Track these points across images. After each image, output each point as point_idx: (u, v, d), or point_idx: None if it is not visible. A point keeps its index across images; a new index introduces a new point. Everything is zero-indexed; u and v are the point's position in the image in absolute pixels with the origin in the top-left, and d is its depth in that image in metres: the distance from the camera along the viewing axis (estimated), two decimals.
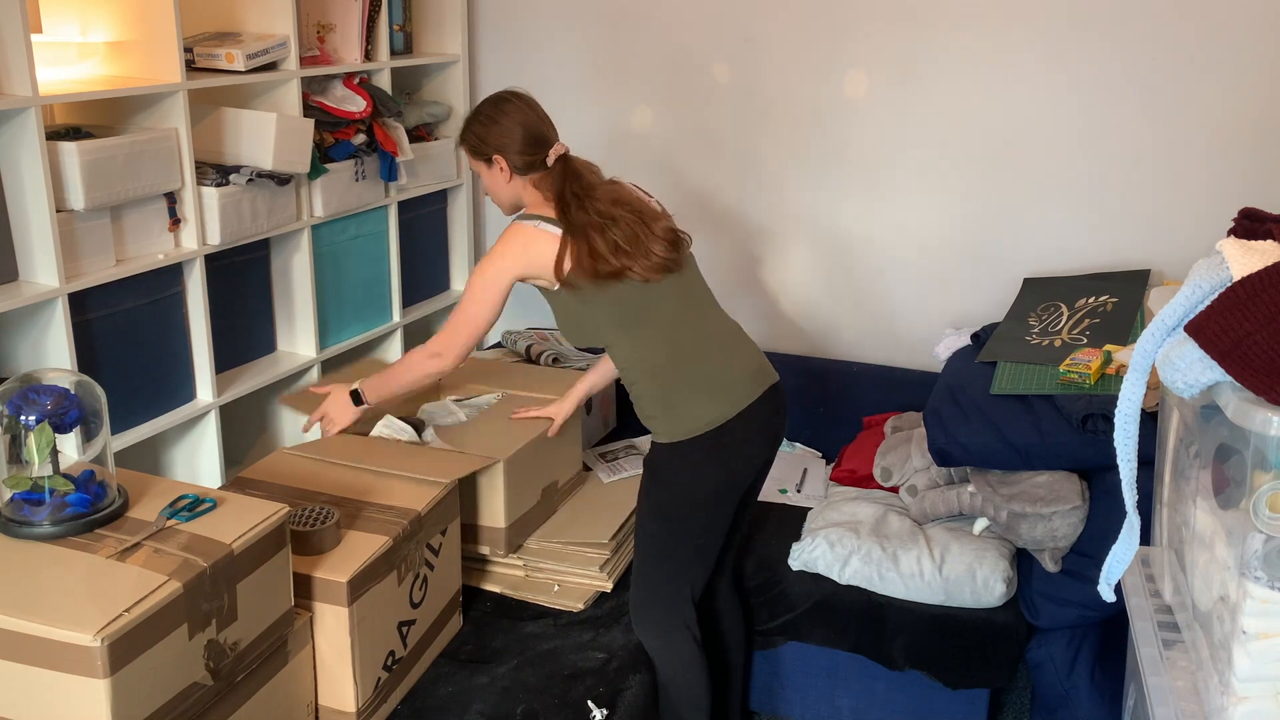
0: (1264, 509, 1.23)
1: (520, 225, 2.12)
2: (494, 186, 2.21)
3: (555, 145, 2.16)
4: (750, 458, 2.17)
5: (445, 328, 2.21)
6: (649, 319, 2.11)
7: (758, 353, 2.24)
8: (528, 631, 2.23)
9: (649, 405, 2.14)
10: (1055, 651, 2.31)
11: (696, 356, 2.13)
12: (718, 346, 2.18)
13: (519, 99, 2.18)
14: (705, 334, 2.18)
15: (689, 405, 2.10)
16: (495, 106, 2.17)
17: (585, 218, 2.07)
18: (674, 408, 2.11)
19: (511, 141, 2.13)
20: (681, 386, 2.11)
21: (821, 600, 2.44)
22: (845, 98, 3.09)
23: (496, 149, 2.15)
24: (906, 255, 3.16)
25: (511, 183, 2.18)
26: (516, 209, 2.23)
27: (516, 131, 2.14)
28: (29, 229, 2.22)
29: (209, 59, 2.60)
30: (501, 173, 2.17)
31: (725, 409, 2.11)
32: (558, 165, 2.15)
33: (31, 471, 1.56)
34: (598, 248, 2.04)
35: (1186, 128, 2.82)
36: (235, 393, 2.73)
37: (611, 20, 3.27)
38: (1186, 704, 1.41)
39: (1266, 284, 1.19)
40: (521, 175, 2.16)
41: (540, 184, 2.16)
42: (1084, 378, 2.35)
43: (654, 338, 2.12)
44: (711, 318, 2.22)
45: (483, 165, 2.20)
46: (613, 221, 2.07)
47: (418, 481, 2.11)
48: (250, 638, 1.64)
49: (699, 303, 2.21)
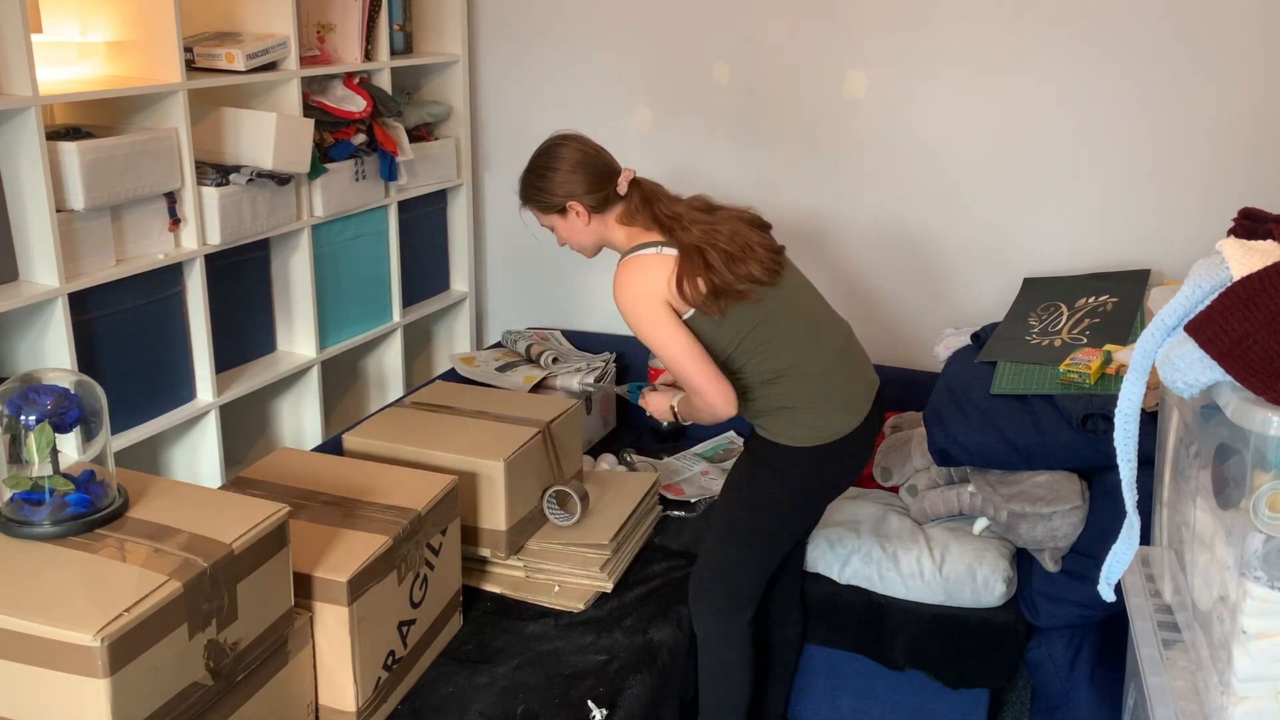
0: (1264, 509, 1.23)
1: (627, 260, 2.05)
2: (574, 235, 2.13)
3: (624, 171, 2.10)
4: (855, 468, 2.17)
5: (690, 390, 2.05)
6: (772, 333, 2.04)
7: (867, 359, 2.22)
8: (528, 632, 2.23)
9: (767, 406, 2.08)
10: (1055, 651, 2.31)
11: (825, 368, 2.08)
12: (841, 357, 2.13)
13: (569, 139, 2.12)
14: (829, 343, 2.12)
15: (815, 415, 2.06)
16: (549, 155, 2.10)
17: (691, 236, 2.00)
18: (798, 414, 2.06)
19: (579, 184, 2.06)
20: (809, 397, 2.06)
21: (821, 600, 2.44)
22: (845, 98, 3.09)
23: (567, 196, 2.07)
24: (906, 255, 3.15)
25: (591, 225, 2.10)
26: (600, 249, 2.17)
27: (579, 172, 2.06)
28: (29, 229, 2.22)
29: (209, 59, 2.60)
30: (579, 218, 2.09)
31: (847, 422, 2.08)
32: (634, 191, 2.09)
33: (31, 471, 1.56)
34: (714, 262, 1.97)
35: (1186, 128, 2.82)
36: (235, 393, 2.73)
37: (611, 20, 3.27)
38: (1186, 704, 1.41)
39: (1266, 284, 1.19)
40: (600, 214, 2.09)
41: (625, 217, 2.09)
42: (1084, 377, 2.35)
43: (779, 352, 2.05)
44: (829, 322, 2.16)
45: (556, 218, 2.12)
46: (716, 233, 2.01)
47: (418, 481, 2.11)
48: (250, 638, 1.64)
49: (815, 306, 2.16)
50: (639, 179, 2.12)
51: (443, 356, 3.65)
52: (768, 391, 2.07)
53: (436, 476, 2.13)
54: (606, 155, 2.12)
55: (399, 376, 3.33)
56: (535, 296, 3.61)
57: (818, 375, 2.07)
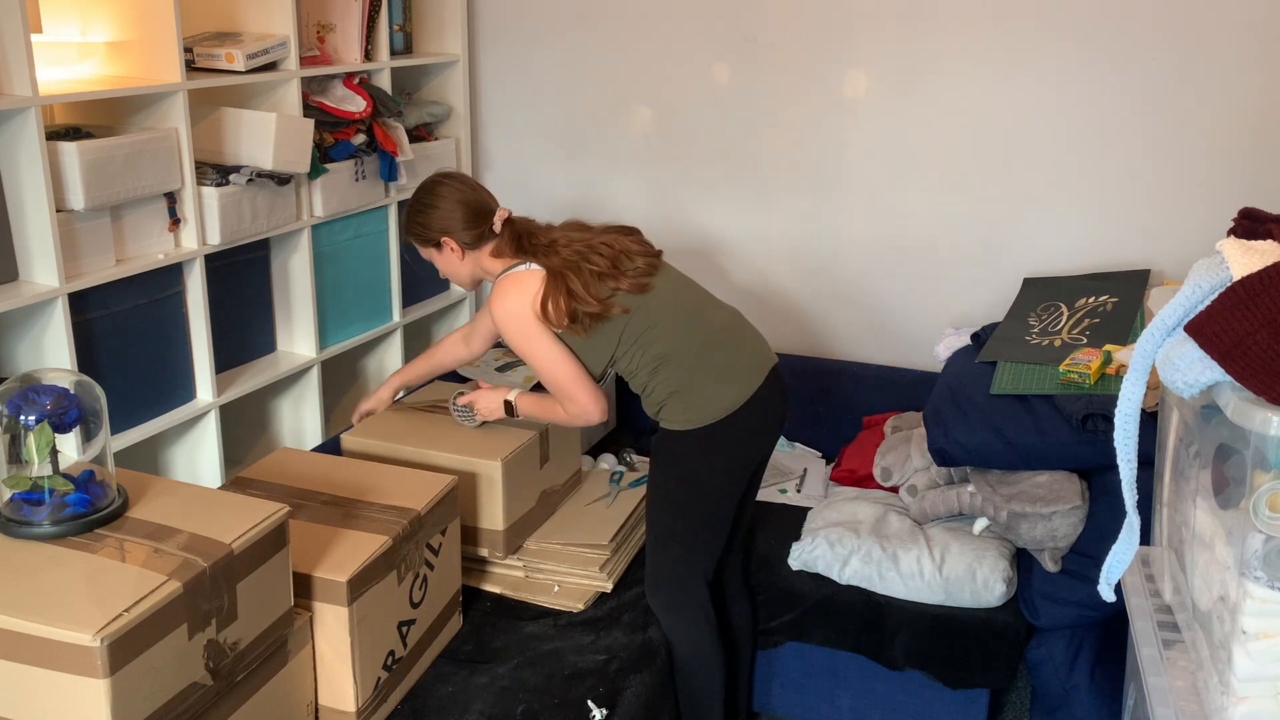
0: (1264, 509, 1.23)
1: (504, 277, 2.15)
2: (450, 268, 2.27)
3: (499, 211, 2.21)
4: (759, 441, 2.22)
5: (557, 397, 2.18)
6: (652, 326, 2.13)
7: (759, 336, 2.28)
8: (528, 632, 2.23)
9: (659, 394, 2.16)
10: (1055, 651, 2.31)
11: (704, 345, 2.16)
12: (722, 333, 2.21)
13: (450, 178, 2.24)
14: (708, 323, 2.21)
15: (701, 392, 2.13)
16: (429, 193, 2.23)
17: (558, 260, 2.11)
18: (686, 395, 2.13)
19: (454, 221, 2.18)
20: (692, 375, 2.13)
21: (821, 600, 2.44)
22: (845, 98, 3.09)
23: (441, 232, 2.19)
24: (906, 255, 3.15)
25: (465, 260, 2.23)
26: (478, 283, 2.29)
27: (457, 210, 2.19)
28: (29, 229, 2.22)
29: (209, 59, 2.60)
30: (454, 253, 2.22)
31: (737, 395, 2.14)
32: (506, 229, 2.20)
33: (31, 471, 1.56)
34: (575, 289, 2.07)
35: (1186, 128, 2.82)
36: (235, 393, 2.73)
37: (611, 20, 3.27)
38: (1186, 704, 1.41)
39: (1266, 284, 1.18)
40: (474, 249, 2.21)
41: (498, 250, 2.20)
42: (1084, 378, 2.35)
43: (659, 338, 2.13)
44: (710, 306, 2.25)
45: (433, 251, 2.25)
46: (591, 250, 2.12)
47: (418, 481, 2.11)
48: (250, 637, 1.64)
49: (694, 294, 2.24)
50: (513, 217, 2.23)
51: None
52: (657, 380, 2.15)
53: (436, 476, 2.13)
54: (485, 193, 2.24)
55: None
56: None
57: (699, 351, 2.15)
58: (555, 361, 2.12)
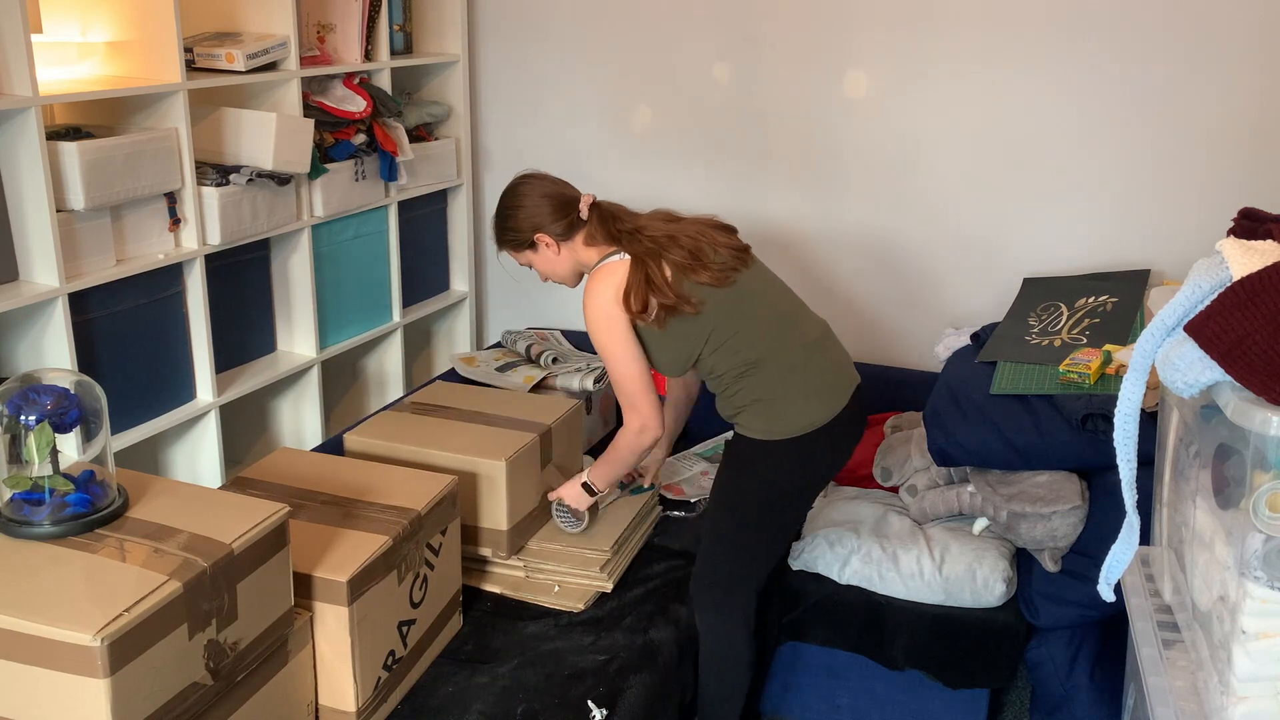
0: (1264, 509, 1.23)
1: (597, 269, 2.13)
2: (550, 266, 2.22)
3: (584, 197, 2.17)
4: (834, 459, 2.19)
5: (622, 402, 2.16)
6: (742, 330, 2.10)
7: (845, 353, 2.25)
8: (528, 632, 2.23)
9: (741, 399, 2.12)
10: (1055, 651, 2.31)
11: (796, 358, 2.12)
12: (815, 347, 2.17)
13: (528, 177, 2.21)
14: (803, 334, 2.16)
15: (786, 405, 2.09)
16: (511, 195, 2.20)
17: (640, 248, 2.08)
18: (770, 405, 2.10)
19: (543, 214, 2.15)
20: (780, 386, 2.10)
21: (821, 600, 2.44)
22: (845, 98, 3.09)
23: (533, 229, 2.15)
24: (906, 255, 3.16)
25: (562, 254, 2.18)
26: (580, 277, 2.23)
27: (543, 204, 2.15)
28: (29, 229, 2.22)
29: (209, 59, 2.60)
30: (549, 248, 2.18)
31: (823, 414, 2.10)
32: (594, 214, 2.16)
33: (31, 471, 1.56)
34: (654, 277, 2.04)
35: (1186, 128, 2.82)
36: (235, 393, 2.73)
37: (611, 20, 3.27)
38: (1186, 704, 1.41)
39: (1266, 284, 1.19)
40: (568, 241, 2.16)
41: (590, 239, 2.16)
42: (1084, 378, 2.35)
43: (750, 344, 2.10)
44: (805, 316, 2.21)
45: (530, 253, 2.21)
46: (671, 240, 2.08)
47: (418, 481, 2.11)
48: (250, 637, 1.64)
49: (789, 303, 2.21)
50: (599, 201, 2.20)
51: (443, 356, 3.65)
52: (742, 384, 2.11)
53: (437, 476, 2.13)
54: (565, 185, 2.21)
55: (399, 377, 3.33)
56: (535, 296, 3.60)
57: (792, 364, 2.11)
58: (628, 363, 2.08)
